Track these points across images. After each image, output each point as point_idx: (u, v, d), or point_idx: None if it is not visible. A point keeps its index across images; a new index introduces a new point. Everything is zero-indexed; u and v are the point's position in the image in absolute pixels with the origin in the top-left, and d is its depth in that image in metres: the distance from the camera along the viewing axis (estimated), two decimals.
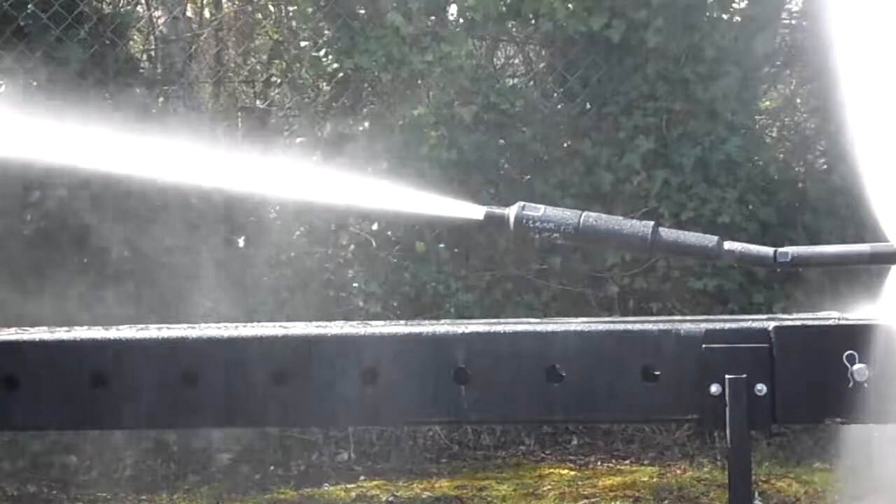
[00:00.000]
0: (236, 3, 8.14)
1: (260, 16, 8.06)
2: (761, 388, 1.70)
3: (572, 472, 6.42)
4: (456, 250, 7.04)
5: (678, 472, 6.37)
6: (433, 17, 7.31)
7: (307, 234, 7.00)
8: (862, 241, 1.85)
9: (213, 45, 7.98)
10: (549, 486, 6.14)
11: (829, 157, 7.32)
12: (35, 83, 6.62)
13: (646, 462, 6.62)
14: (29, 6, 6.64)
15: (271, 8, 7.86)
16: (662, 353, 1.74)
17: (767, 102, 8.09)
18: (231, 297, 6.82)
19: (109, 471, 6.46)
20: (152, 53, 7.82)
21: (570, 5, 7.05)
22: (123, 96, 6.95)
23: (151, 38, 7.81)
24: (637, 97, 7.16)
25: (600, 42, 7.18)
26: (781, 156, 7.60)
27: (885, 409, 1.68)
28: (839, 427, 1.73)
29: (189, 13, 8.24)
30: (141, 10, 7.80)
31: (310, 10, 7.35)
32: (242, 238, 7.01)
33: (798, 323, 1.74)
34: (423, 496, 6.06)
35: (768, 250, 1.82)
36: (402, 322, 1.90)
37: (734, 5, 7.51)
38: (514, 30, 7.79)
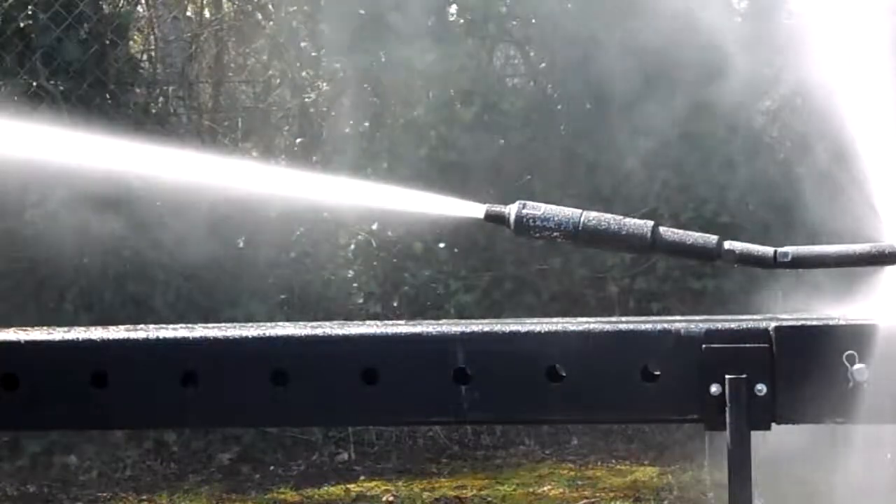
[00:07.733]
0: (236, 3, 8.13)
1: (260, 16, 8.05)
2: (761, 388, 1.70)
3: (572, 472, 6.41)
4: (456, 250, 7.03)
5: (678, 472, 6.36)
6: (433, 17, 7.31)
7: (307, 234, 7.00)
8: (862, 241, 1.85)
9: (213, 45, 7.97)
10: (549, 486, 6.14)
11: (830, 156, 7.31)
12: (35, 83, 6.62)
13: (646, 462, 6.61)
14: (29, 6, 6.63)
15: (271, 8, 7.85)
16: (662, 353, 1.74)
17: (768, 102, 8.08)
18: (231, 297, 6.82)
19: (109, 471, 6.46)
20: (152, 53, 7.82)
21: (569, 5, 7.06)
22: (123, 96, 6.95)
23: (151, 38, 7.81)
24: (637, 97, 7.15)
25: (601, 42, 7.17)
26: (781, 156, 7.59)
27: (885, 410, 1.68)
28: (839, 427, 1.73)
29: (189, 13, 8.25)
30: (141, 10, 7.79)
31: (310, 10, 7.36)
32: (242, 238, 7.00)
33: (798, 323, 1.74)
34: (423, 496, 6.05)
35: (768, 250, 1.82)
36: (402, 322, 1.90)
37: (734, 5, 7.51)
38: (514, 30, 7.78)
